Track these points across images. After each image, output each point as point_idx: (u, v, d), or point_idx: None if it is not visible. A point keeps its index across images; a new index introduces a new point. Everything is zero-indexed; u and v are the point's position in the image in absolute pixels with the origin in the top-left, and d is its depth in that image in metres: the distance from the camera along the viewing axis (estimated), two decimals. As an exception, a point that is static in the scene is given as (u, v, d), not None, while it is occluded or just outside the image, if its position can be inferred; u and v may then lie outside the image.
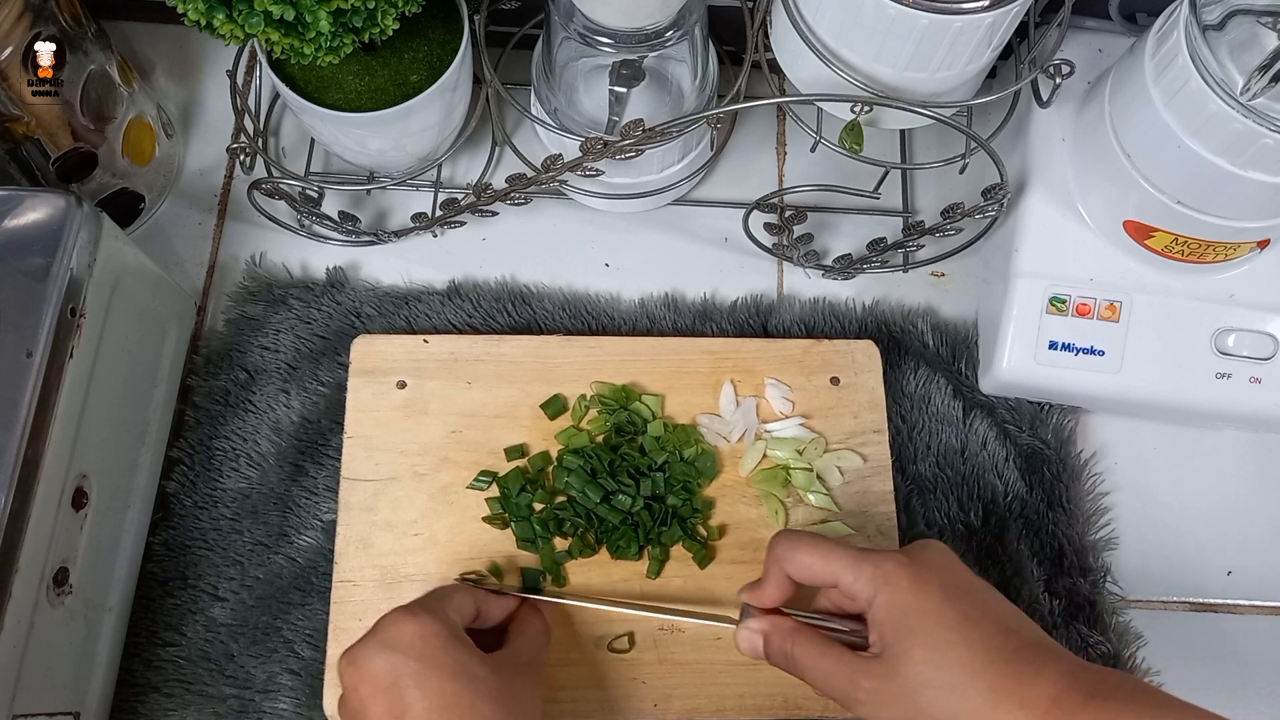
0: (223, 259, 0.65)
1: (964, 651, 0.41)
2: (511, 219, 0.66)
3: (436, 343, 0.59)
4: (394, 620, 0.44)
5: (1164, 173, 0.53)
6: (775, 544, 0.47)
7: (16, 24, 0.51)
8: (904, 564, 0.43)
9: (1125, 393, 0.58)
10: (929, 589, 0.42)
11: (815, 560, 0.45)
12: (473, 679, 0.43)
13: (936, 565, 0.44)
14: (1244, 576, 0.61)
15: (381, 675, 0.42)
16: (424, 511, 0.56)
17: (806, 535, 0.47)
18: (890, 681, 0.41)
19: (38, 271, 0.47)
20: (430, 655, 0.43)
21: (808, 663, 0.45)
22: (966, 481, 0.60)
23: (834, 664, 0.44)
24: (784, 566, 0.46)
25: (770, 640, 0.46)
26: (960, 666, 0.40)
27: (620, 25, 0.52)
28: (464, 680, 0.43)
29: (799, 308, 0.64)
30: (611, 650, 0.54)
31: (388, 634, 0.43)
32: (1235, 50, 0.48)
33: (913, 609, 0.42)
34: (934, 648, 0.41)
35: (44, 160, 0.57)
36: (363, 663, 0.43)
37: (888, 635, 0.42)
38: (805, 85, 0.56)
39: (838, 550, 0.45)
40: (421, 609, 0.45)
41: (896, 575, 0.43)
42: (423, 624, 0.44)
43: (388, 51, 0.55)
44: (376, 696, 0.42)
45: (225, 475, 0.59)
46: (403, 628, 0.43)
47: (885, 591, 0.43)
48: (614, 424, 0.57)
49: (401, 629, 0.43)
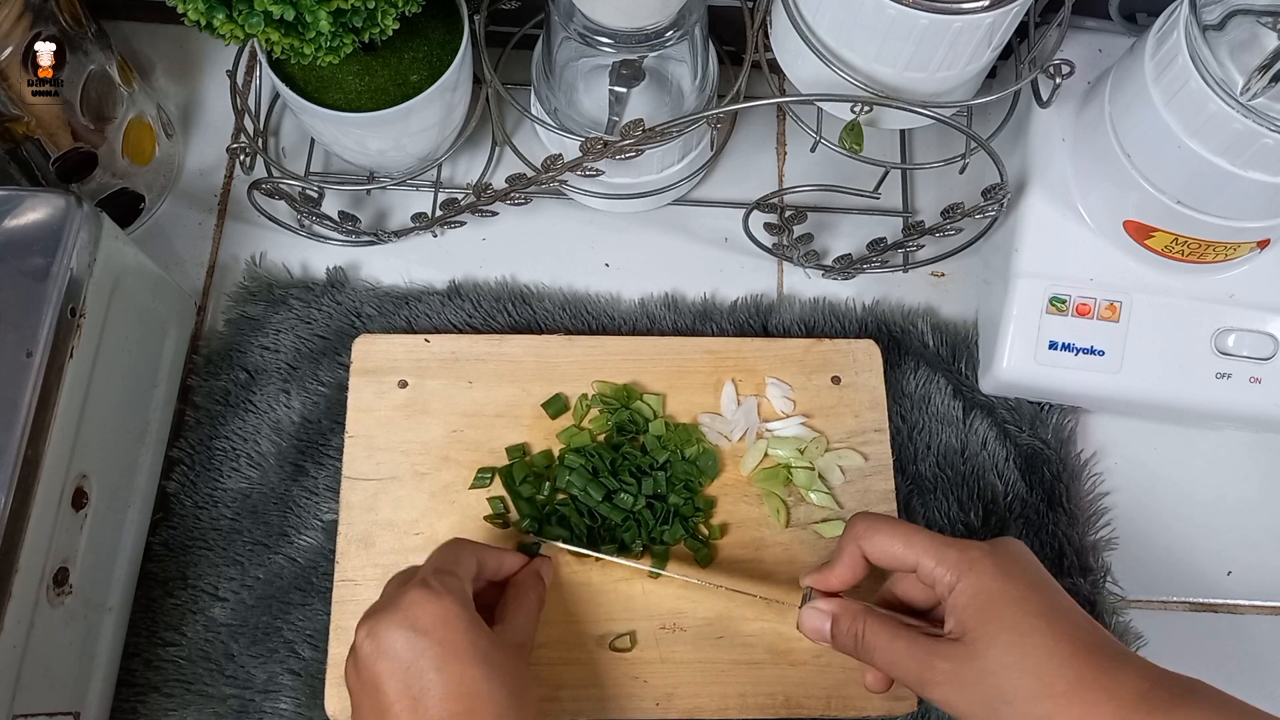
0: (223, 259, 0.65)
1: (1050, 640, 0.41)
2: (511, 219, 0.66)
3: (438, 342, 0.59)
4: (416, 599, 0.44)
5: (1164, 173, 0.53)
6: (854, 524, 0.47)
7: (16, 24, 0.51)
8: (989, 552, 0.44)
9: (1125, 393, 0.58)
10: (1015, 578, 0.43)
11: (896, 543, 0.45)
12: (490, 665, 0.43)
13: (1019, 557, 0.44)
14: (1244, 576, 0.61)
15: (402, 654, 0.42)
16: (425, 511, 0.56)
17: (887, 518, 0.47)
18: (971, 664, 0.41)
19: (38, 271, 0.47)
20: (452, 639, 0.43)
21: (879, 643, 0.45)
22: (966, 481, 0.60)
23: (908, 645, 0.44)
24: (862, 545, 0.46)
25: (839, 621, 0.46)
26: (1047, 653, 0.41)
27: (620, 25, 0.52)
28: (483, 667, 0.43)
29: (799, 308, 0.64)
30: (613, 649, 0.54)
31: (410, 612, 0.43)
32: (1235, 50, 0.48)
33: (998, 595, 0.42)
34: (1020, 633, 0.41)
35: (44, 160, 0.57)
36: (383, 638, 0.43)
37: (969, 620, 0.42)
38: (805, 85, 0.56)
39: (920, 534, 0.45)
40: (441, 586, 0.44)
41: (982, 562, 0.43)
42: (445, 606, 0.43)
43: (388, 51, 0.55)
44: (395, 675, 0.42)
45: (225, 475, 0.59)
46: (426, 608, 0.43)
47: (970, 577, 0.43)
48: (615, 423, 0.57)
49: (425, 609, 0.43)
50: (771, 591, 0.54)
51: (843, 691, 0.53)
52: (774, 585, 0.55)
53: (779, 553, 0.56)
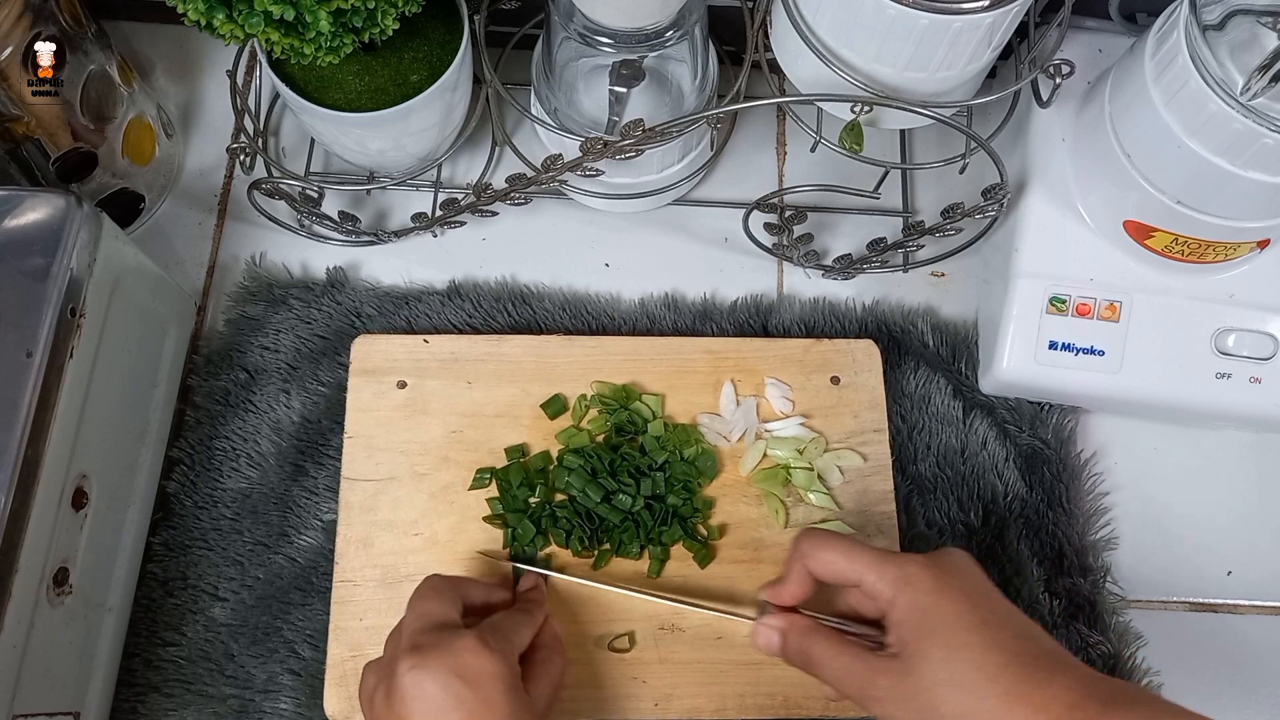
0: (223, 259, 0.65)
1: (981, 654, 0.41)
2: (511, 219, 0.66)
3: (437, 342, 0.59)
4: (471, 648, 0.44)
5: (1164, 173, 0.53)
6: (800, 541, 0.47)
7: (16, 24, 0.51)
8: (927, 566, 0.44)
9: (1125, 393, 0.58)
10: (950, 592, 0.43)
11: (839, 558, 0.46)
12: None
13: (959, 570, 0.45)
14: (1244, 576, 0.61)
15: (441, 699, 0.42)
16: (424, 511, 0.56)
17: (831, 534, 0.47)
18: (907, 680, 0.42)
19: (38, 271, 0.47)
20: (493, 700, 0.43)
21: (825, 660, 0.45)
22: (966, 481, 0.60)
23: (851, 661, 0.44)
24: (807, 563, 0.47)
25: (788, 637, 0.47)
26: (977, 668, 0.41)
27: (620, 25, 0.52)
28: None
29: (799, 308, 0.64)
30: (612, 650, 0.54)
31: (460, 659, 0.43)
32: (1235, 50, 0.48)
33: (933, 610, 0.43)
34: (952, 648, 0.42)
35: (44, 160, 0.57)
36: (427, 677, 0.43)
37: (907, 635, 0.43)
38: (805, 85, 0.56)
39: (862, 550, 0.45)
40: (496, 645, 0.45)
41: (919, 577, 0.44)
42: (496, 665, 0.44)
43: (388, 51, 0.55)
44: (428, 714, 0.42)
45: (225, 475, 0.59)
46: (478, 660, 0.44)
47: (907, 592, 0.43)
48: (614, 423, 0.57)
49: (477, 661, 0.44)
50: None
51: (842, 692, 0.53)
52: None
53: (778, 553, 0.56)
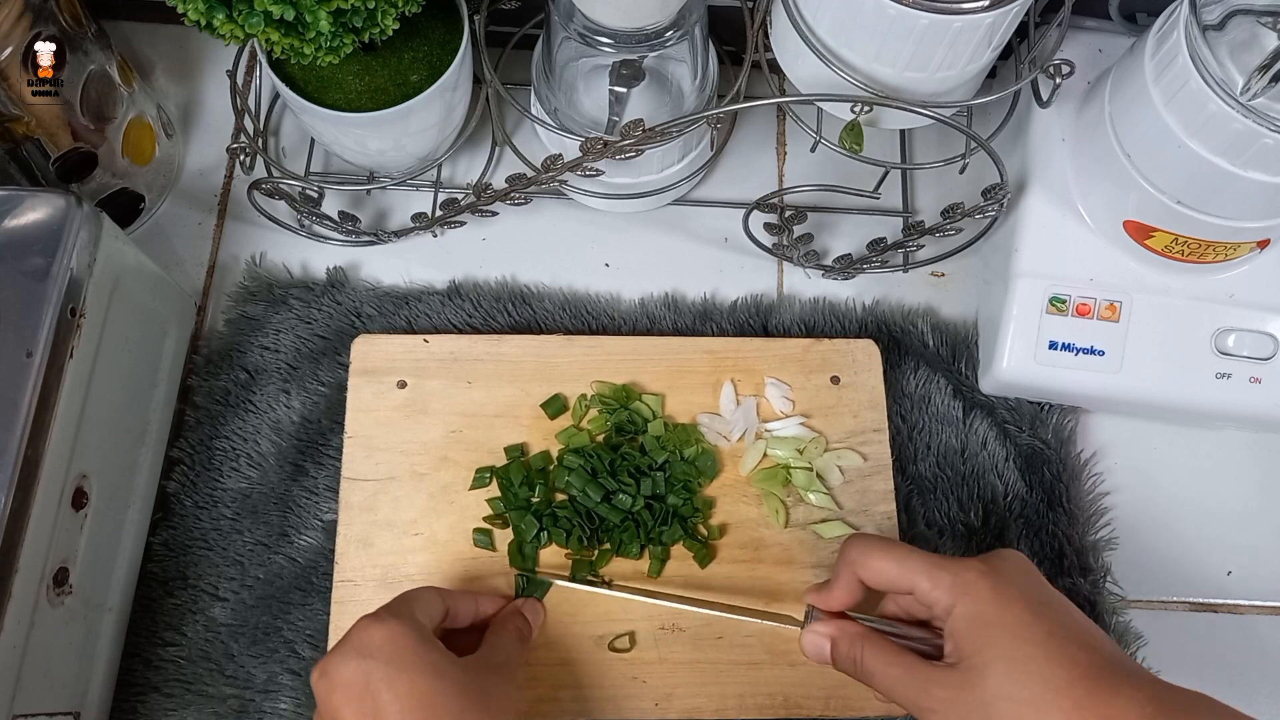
0: (223, 259, 0.65)
1: (1046, 666, 0.40)
2: (511, 219, 0.66)
3: (437, 342, 0.59)
4: (361, 627, 0.44)
5: (1164, 173, 0.53)
6: (848, 547, 0.47)
7: (16, 24, 0.51)
8: (985, 573, 0.43)
9: (1125, 393, 0.58)
10: (1011, 601, 0.42)
11: (890, 566, 0.45)
12: (443, 676, 0.43)
13: (1017, 576, 0.43)
14: (1244, 576, 0.61)
15: (353, 680, 0.42)
16: (424, 511, 0.56)
17: (882, 539, 0.47)
18: (967, 692, 0.41)
19: (38, 271, 0.47)
20: (400, 657, 0.43)
21: (877, 668, 0.44)
22: (966, 481, 0.60)
23: (905, 671, 0.43)
24: (857, 570, 0.46)
25: (838, 645, 0.46)
26: (1043, 682, 0.40)
27: (620, 25, 0.52)
28: (434, 678, 0.43)
29: (799, 308, 0.64)
30: (612, 649, 0.54)
31: (356, 640, 0.44)
32: (1235, 50, 0.48)
33: (994, 621, 0.42)
34: (1016, 661, 0.40)
35: (44, 160, 0.57)
36: (333, 671, 0.43)
37: (965, 646, 0.42)
38: (805, 85, 0.56)
39: (914, 556, 0.44)
40: (388, 613, 0.45)
41: (977, 585, 0.42)
42: (390, 627, 0.44)
43: (388, 51, 0.55)
44: (349, 702, 0.42)
45: (225, 475, 0.59)
46: (371, 633, 0.44)
47: (965, 601, 0.42)
48: (614, 423, 0.57)
49: (370, 634, 0.44)
50: (776, 606, 0.54)
51: (842, 692, 0.53)
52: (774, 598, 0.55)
53: (778, 553, 0.56)
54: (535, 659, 0.53)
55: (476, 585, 0.55)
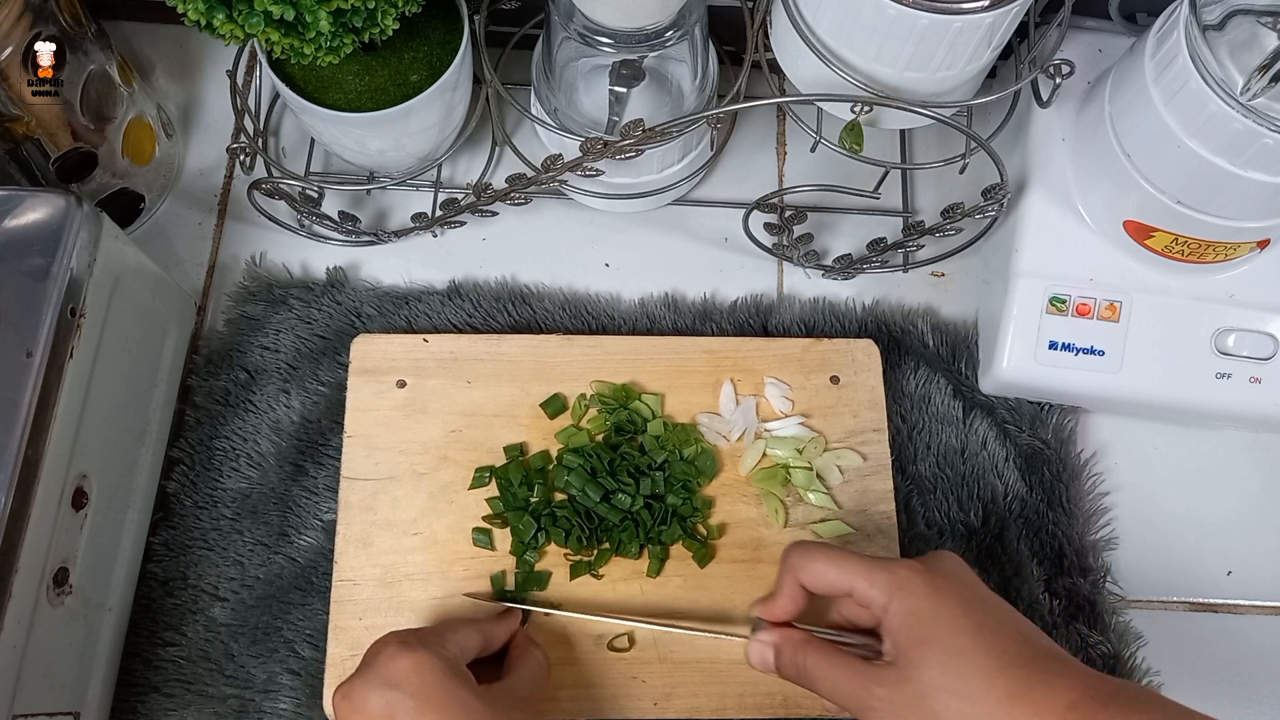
0: (223, 259, 0.65)
1: (979, 658, 0.41)
2: (511, 219, 0.66)
3: (436, 342, 0.59)
4: (390, 655, 0.44)
5: (1164, 173, 0.53)
6: (789, 554, 0.47)
7: (16, 24, 0.51)
8: (919, 571, 0.43)
9: (1125, 393, 0.58)
10: (945, 596, 0.43)
11: (829, 569, 0.45)
12: (470, 714, 0.43)
13: (952, 574, 0.44)
14: (1244, 576, 0.61)
15: (377, 712, 0.42)
16: (424, 510, 0.56)
17: (820, 545, 0.47)
18: (904, 688, 0.41)
19: (38, 271, 0.47)
20: (427, 692, 0.42)
21: (820, 673, 0.44)
22: (966, 481, 0.60)
23: (846, 673, 0.44)
24: (798, 575, 0.46)
25: (782, 652, 0.46)
26: (975, 672, 0.40)
27: (620, 25, 0.52)
28: (461, 714, 0.42)
29: (799, 308, 0.64)
30: (611, 649, 0.54)
31: (384, 669, 0.43)
32: (1235, 50, 0.48)
33: (928, 615, 0.42)
34: (949, 653, 0.41)
35: (44, 160, 0.57)
36: (358, 699, 0.43)
37: (902, 642, 0.42)
38: (805, 85, 0.56)
39: (852, 558, 0.45)
40: (419, 642, 0.44)
41: (912, 582, 0.43)
42: (419, 659, 0.43)
43: (388, 51, 0.55)
44: None
45: (225, 475, 0.59)
46: (399, 663, 0.43)
47: (900, 598, 0.43)
48: (614, 423, 0.57)
49: (398, 664, 0.43)
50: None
51: (842, 692, 0.53)
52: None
53: (777, 553, 0.55)
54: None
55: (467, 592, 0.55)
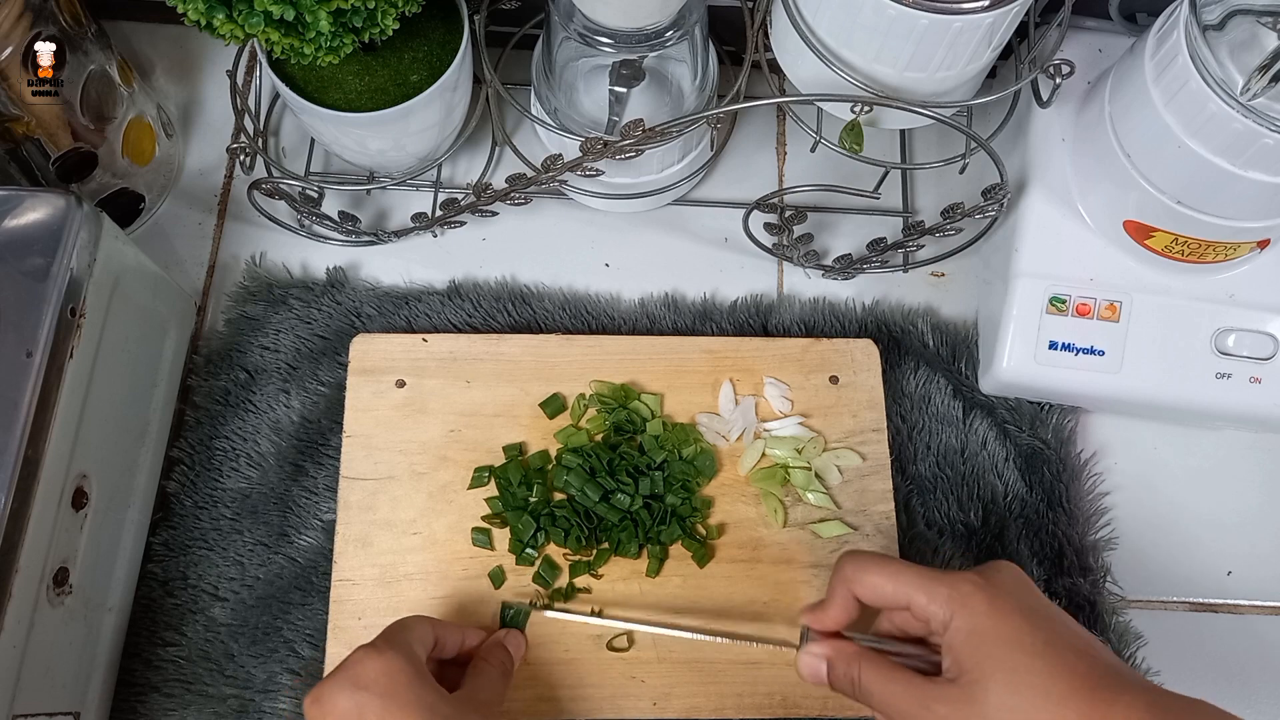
0: (223, 259, 0.65)
1: (1046, 679, 0.40)
2: (511, 219, 0.66)
3: (435, 342, 0.59)
4: (359, 658, 0.44)
5: (1164, 173, 0.53)
6: (843, 565, 0.46)
7: (16, 24, 0.51)
8: (980, 586, 0.42)
9: (1125, 393, 0.58)
10: (1007, 613, 0.42)
11: (885, 581, 0.44)
12: (435, 715, 0.43)
13: (1012, 587, 0.43)
14: (1244, 576, 0.61)
15: (347, 712, 0.42)
16: (423, 510, 0.56)
17: (876, 555, 0.46)
18: (968, 707, 0.41)
19: (38, 271, 0.47)
20: (395, 692, 0.43)
21: (875, 688, 0.44)
22: (966, 481, 0.60)
23: (904, 689, 0.43)
24: (852, 588, 0.46)
25: (835, 665, 0.46)
26: (1044, 695, 0.40)
27: (620, 25, 0.52)
28: (426, 715, 0.43)
29: (799, 308, 0.64)
30: (611, 649, 0.54)
31: (352, 671, 0.43)
32: (1235, 50, 0.48)
33: (991, 633, 0.41)
34: (1015, 674, 0.40)
35: (44, 160, 0.57)
36: (328, 701, 0.43)
37: (964, 660, 0.41)
38: (805, 85, 0.56)
39: (908, 571, 0.44)
40: (386, 644, 0.45)
41: (973, 598, 0.42)
42: (388, 660, 0.44)
43: (388, 51, 0.55)
44: None
45: (225, 475, 0.59)
46: (367, 665, 0.44)
47: (962, 615, 0.42)
48: (613, 423, 0.57)
49: (366, 666, 0.43)
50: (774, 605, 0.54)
51: (841, 692, 0.53)
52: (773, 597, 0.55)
53: (776, 553, 0.56)
54: (534, 658, 0.53)
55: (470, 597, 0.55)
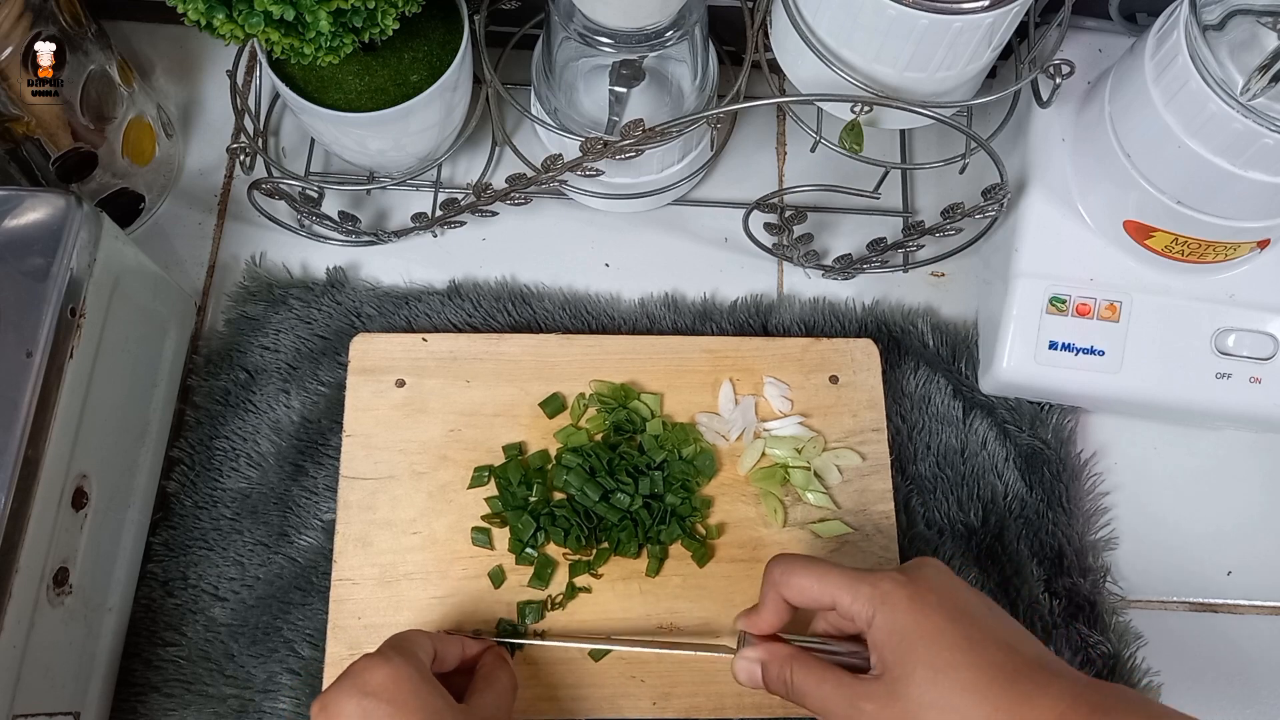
0: (223, 259, 0.65)
1: (966, 672, 0.40)
2: (511, 219, 0.66)
3: (435, 341, 0.59)
4: (366, 665, 0.44)
5: (1164, 173, 0.53)
6: (771, 569, 0.47)
7: (16, 24, 0.51)
8: (902, 583, 0.43)
9: (1125, 393, 0.58)
10: (928, 609, 0.42)
11: (811, 583, 0.45)
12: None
13: (935, 584, 0.43)
14: (1244, 576, 0.61)
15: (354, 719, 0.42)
16: (423, 510, 0.56)
17: (801, 558, 0.47)
18: (892, 704, 0.41)
19: (38, 271, 0.47)
20: (402, 699, 0.43)
21: (807, 688, 0.44)
22: (966, 481, 0.60)
23: (834, 688, 0.43)
24: (780, 590, 0.46)
25: (768, 668, 0.46)
26: (962, 687, 0.40)
27: (620, 25, 0.52)
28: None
29: (799, 308, 0.64)
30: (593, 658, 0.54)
31: (360, 678, 0.44)
32: (1235, 50, 0.48)
33: (912, 629, 0.42)
34: (935, 668, 0.41)
35: (44, 160, 0.57)
36: (334, 708, 0.43)
37: (888, 656, 0.42)
38: (805, 85, 0.56)
39: (833, 572, 0.45)
40: (393, 651, 0.45)
41: (894, 595, 0.43)
42: (395, 667, 0.44)
43: (388, 51, 0.55)
44: None
45: (225, 475, 0.59)
46: (375, 672, 0.44)
47: (883, 612, 0.43)
48: (613, 422, 0.57)
49: (374, 673, 0.44)
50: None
51: (841, 691, 0.53)
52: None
53: (776, 552, 0.56)
54: (534, 658, 0.53)
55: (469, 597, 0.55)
